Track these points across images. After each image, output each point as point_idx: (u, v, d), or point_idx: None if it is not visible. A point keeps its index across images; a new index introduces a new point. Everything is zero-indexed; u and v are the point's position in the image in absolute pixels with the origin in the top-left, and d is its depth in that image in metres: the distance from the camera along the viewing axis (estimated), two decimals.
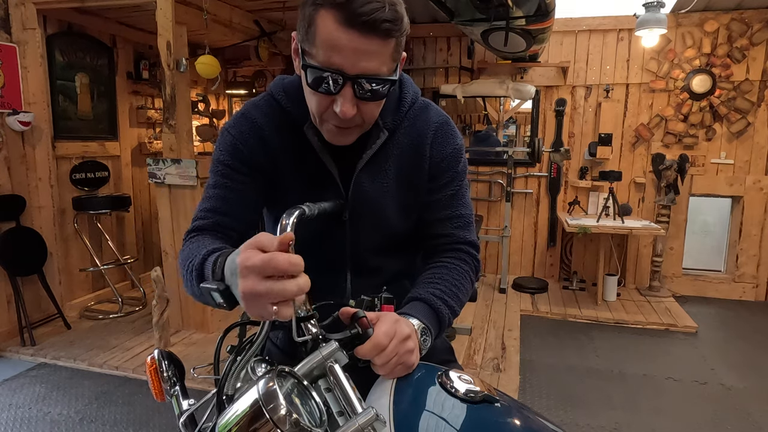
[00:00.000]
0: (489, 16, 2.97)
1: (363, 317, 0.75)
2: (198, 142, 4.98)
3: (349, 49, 0.78)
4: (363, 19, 0.76)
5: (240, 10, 3.75)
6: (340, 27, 0.77)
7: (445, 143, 1.03)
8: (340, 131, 0.90)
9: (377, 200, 1.00)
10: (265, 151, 0.99)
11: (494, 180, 4.92)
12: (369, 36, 0.78)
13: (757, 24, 4.18)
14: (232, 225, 0.98)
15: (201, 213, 0.99)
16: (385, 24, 0.78)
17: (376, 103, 0.87)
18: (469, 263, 1.04)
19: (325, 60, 0.80)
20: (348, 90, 0.82)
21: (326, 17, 0.78)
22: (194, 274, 0.83)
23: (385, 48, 0.81)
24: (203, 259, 0.82)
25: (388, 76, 0.83)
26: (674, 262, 4.63)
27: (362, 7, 0.76)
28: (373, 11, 0.76)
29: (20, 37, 3.37)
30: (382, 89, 0.84)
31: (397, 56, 0.85)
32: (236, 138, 0.99)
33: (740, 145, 4.38)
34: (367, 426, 0.60)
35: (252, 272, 0.62)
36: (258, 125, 0.99)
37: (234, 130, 1.00)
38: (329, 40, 0.78)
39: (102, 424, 2.47)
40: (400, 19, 0.80)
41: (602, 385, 2.94)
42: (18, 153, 3.41)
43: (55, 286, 3.57)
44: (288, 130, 0.98)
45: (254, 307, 0.64)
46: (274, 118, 0.99)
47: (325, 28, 0.78)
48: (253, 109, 1.01)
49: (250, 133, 0.99)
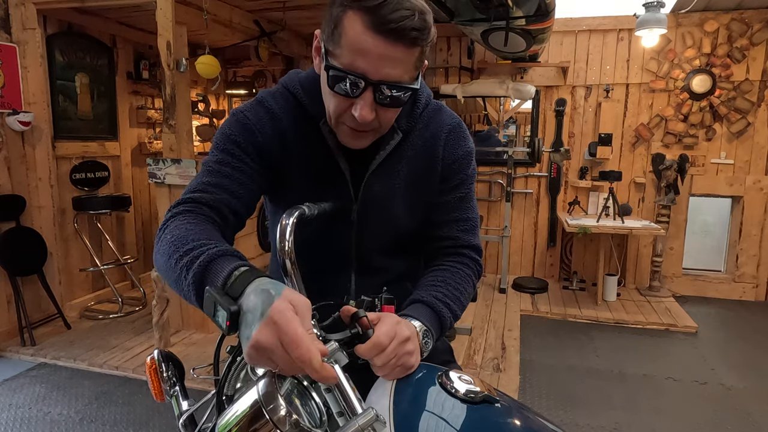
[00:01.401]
0: (489, 16, 2.97)
1: (363, 317, 0.75)
2: (198, 142, 4.98)
3: (375, 55, 0.78)
4: (392, 26, 0.76)
5: (240, 10, 3.75)
6: (367, 31, 0.77)
7: (458, 146, 1.03)
8: (355, 134, 0.90)
9: (386, 201, 1.00)
10: (279, 142, 0.96)
11: (494, 180, 4.92)
12: (395, 43, 0.78)
13: (757, 24, 4.18)
14: (234, 207, 0.91)
15: (202, 185, 0.89)
16: (413, 32, 0.77)
17: (394, 109, 0.87)
18: (472, 268, 1.04)
19: (350, 63, 0.79)
20: (368, 95, 0.82)
21: (354, 20, 0.78)
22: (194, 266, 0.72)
23: (410, 56, 0.81)
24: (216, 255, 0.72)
25: (409, 84, 0.83)
26: (674, 262, 4.63)
27: (392, 14, 0.76)
28: (403, 19, 0.76)
29: (20, 37, 3.36)
30: (402, 96, 0.84)
31: (419, 65, 0.84)
32: (252, 122, 0.95)
33: (740, 145, 4.38)
34: (367, 426, 0.60)
35: (279, 333, 0.57)
36: (275, 115, 0.96)
37: (250, 114, 0.95)
38: (355, 43, 0.78)
39: (102, 424, 2.47)
40: (428, 28, 0.80)
41: (602, 385, 2.94)
42: (18, 153, 3.41)
43: (55, 286, 3.57)
44: (303, 125, 0.96)
45: (257, 358, 0.59)
46: (290, 111, 0.97)
47: (352, 31, 0.78)
48: (270, 98, 0.98)
49: (267, 121, 0.96)
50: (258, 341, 0.57)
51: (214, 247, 0.74)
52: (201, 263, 0.71)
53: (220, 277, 0.68)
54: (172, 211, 0.86)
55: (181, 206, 0.87)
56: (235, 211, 0.91)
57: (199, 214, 0.86)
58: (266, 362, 0.59)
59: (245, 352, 0.59)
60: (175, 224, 0.82)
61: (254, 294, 0.62)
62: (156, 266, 0.82)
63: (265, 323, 0.58)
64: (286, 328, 0.57)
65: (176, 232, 0.79)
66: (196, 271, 0.71)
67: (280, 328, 0.57)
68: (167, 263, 0.77)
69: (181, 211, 0.85)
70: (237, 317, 0.61)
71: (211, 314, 0.64)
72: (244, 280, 0.65)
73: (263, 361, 0.59)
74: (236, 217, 0.92)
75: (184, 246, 0.75)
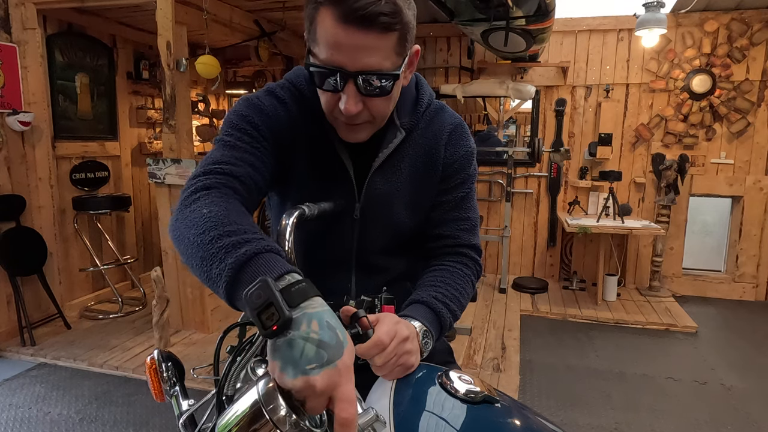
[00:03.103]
0: (489, 16, 2.97)
1: (363, 317, 0.75)
2: (198, 142, 4.98)
3: (348, 46, 0.78)
4: (359, 13, 0.75)
5: (240, 10, 3.75)
6: (338, 24, 0.77)
7: (459, 145, 1.03)
8: (350, 128, 0.90)
9: (389, 200, 1.00)
10: (291, 132, 0.95)
11: (494, 180, 4.92)
12: (367, 31, 0.77)
13: (757, 24, 4.18)
14: (258, 182, 0.87)
15: (225, 157, 0.85)
16: (382, 18, 0.77)
17: (383, 98, 0.86)
18: (471, 267, 1.04)
19: (327, 58, 0.80)
20: (351, 87, 0.82)
21: (325, 15, 0.78)
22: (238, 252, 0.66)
23: (386, 42, 0.80)
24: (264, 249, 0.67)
25: (391, 71, 0.82)
26: (674, 262, 4.63)
27: (359, 2, 0.75)
28: (369, 5, 0.75)
29: (20, 37, 3.36)
30: (385, 84, 0.83)
31: (401, 50, 0.83)
32: (267, 107, 0.93)
33: (740, 145, 4.38)
34: (367, 426, 0.60)
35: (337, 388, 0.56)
36: (286, 104, 0.95)
37: (265, 101, 0.94)
38: (329, 37, 0.78)
39: (102, 424, 2.47)
40: (398, 11, 0.78)
41: (602, 385, 2.94)
42: (18, 153, 3.41)
43: (55, 286, 3.57)
44: (309, 120, 0.96)
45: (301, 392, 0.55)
46: (296, 105, 0.96)
47: (324, 26, 0.78)
48: (280, 90, 0.97)
49: (281, 110, 0.94)
50: (315, 386, 0.55)
51: (262, 239, 0.69)
52: (247, 252, 0.66)
53: (273, 273, 0.63)
54: (201, 181, 0.80)
55: (211, 177, 0.81)
56: (259, 187, 0.88)
57: (231, 188, 0.81)
58: (304, 397, 0.56)
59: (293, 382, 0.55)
60: (210, 198, 0.77)
61: (319, 323, 0.57)
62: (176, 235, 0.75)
63: (331, 372, 0.55)
64: (345, 387, 0.56)
65: (214, 208, 0.73)
66: (239, 258, 0.66)
67: (341, 384, 0.56)
68: (200, 237, 0.70)
69: (214, 184, 0.80)
70: (285, 328, 0.56)
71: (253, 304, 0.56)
72: (303, 293, 0.59)
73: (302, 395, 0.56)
74: (258, 193, 0.90)
75: (225, 226, 0.70)
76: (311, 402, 0.56)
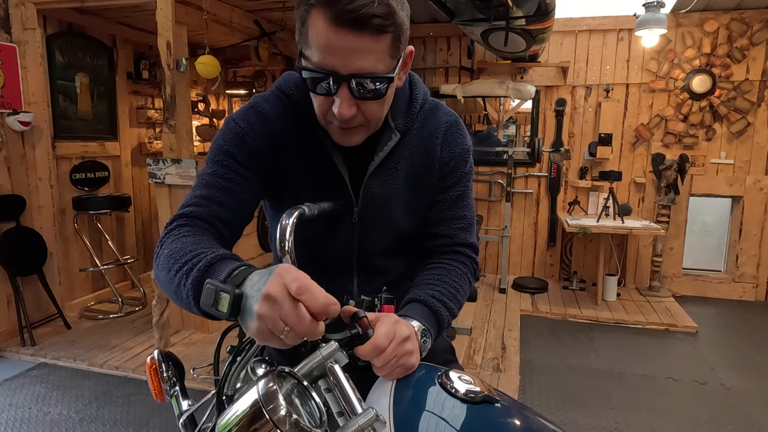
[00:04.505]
0: (489, 16, 2.97)
1: (363, 317, 0.75)
2: (198, 142, 4.98)
3: (341, 49, 0.77)
4: (352, 16, 0.74)
5: (240, 10, 3.75)
6: (330, 26, 0.76)
7: (455, 143, 1.02)
8: (344, 132, 0.89)
9: (386, 202, 1.00)
10: (273, 146, 0.95)
11: (494, 180, 4.92)
12: (360, 33, 0.76)
13: (757, 24, 4.18)
14: (227, 219, 0.91)
15: (195, 199, 0.90)
16: (375, 19, 0.75)
17: (377, 102, 0.85)
18: (468, 265, 1.04)
19: (319, 61, 0.79)
20: (344, 90, 0.81)
21: (317, 17, 0.77)
22: (193, 271, 0.72)
23: (379, 44, 0.78)
24: (215, 259, 0.73)
25: (385, 74, 0.81)
26: (674, 262, 4.63)
27: (351, 4, 0.74)
28: (362, 7, 0.74)
29: (20, 37, 3.36)
30: (379, 87, 0.81)
31: (395, 52, 0.82)
32: (244, 130, 0.94)
33: (740, 145, 4.38)
34: (367, 426, 0.60)
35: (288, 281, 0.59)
36: (269, 119, 0.95)
37: (242, 122, 0.94)
38: (321, 40, 0.77)
39: (102, 424, 2.47)
40: (391, 13, 0.77)
41: (602, 385, 2.94)
42: (18, 153, 3.41)
43: (55, 286, 3.57)
44: (300, 127, 0.95)
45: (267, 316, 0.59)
46: (285, 114, 0.96)
47: (316, 29, 0.77)
48: (264, 102, 0.97)
49: (260, 127, 0.94)
50: (268, 293, 0.58)
51: (212, 253, 0.74)
52: (200, 269, 0.72)
53: (221, 276, 0.68)
54: (167, 228, 0.86)
55: (176, 222, 0.87)
56: (228, 222, 0.91)
57: (194, 227, 0.86)
58: (274, 325, 0.59)
59: (250, 326, 0.60)
60: (171, 239, 0.82)
61: (257, 275, 0.64)
62: (157, 282, 0.82)
63: (272, 278, 0.60)
64: (295, 274, 0.59)
65: (173, 246, 0.79)
66: (195, 276, 0.71)
67: (289, 276, 0.59)
68: (167, 276, 0.77)
69: (176, 227, 0.86)
70: (240, 302, 0.62)
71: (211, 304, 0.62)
72: (245, 273, 0.66)
73: (270, 325, 0.59)
74: (229, 228, 0.92)
75: (182, 257, 0.76)
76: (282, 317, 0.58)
